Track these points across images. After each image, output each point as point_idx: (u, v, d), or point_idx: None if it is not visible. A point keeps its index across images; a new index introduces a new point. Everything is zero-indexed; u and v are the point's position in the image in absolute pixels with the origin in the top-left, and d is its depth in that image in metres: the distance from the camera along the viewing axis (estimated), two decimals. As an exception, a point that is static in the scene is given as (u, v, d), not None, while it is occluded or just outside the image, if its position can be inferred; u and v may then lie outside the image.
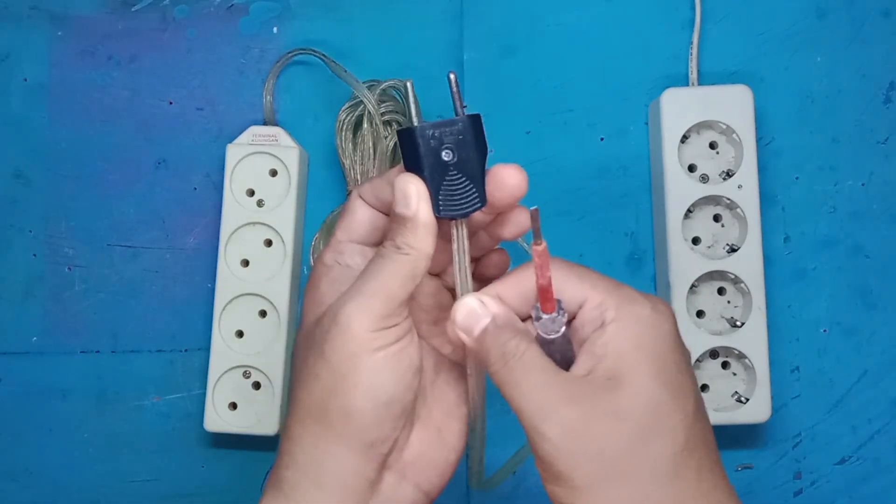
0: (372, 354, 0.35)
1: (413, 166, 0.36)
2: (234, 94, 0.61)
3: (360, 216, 0.39)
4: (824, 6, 0.60)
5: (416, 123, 0.36)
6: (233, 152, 0.58)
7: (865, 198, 0.59)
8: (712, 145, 0.58)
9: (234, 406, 0.57)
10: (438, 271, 0.40)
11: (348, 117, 0.57)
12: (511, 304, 0.37)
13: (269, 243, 0.58)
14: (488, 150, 0.37)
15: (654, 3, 0.61)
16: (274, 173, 0.58)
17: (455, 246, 0.37)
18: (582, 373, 0.35)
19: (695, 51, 0.59)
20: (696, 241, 0.57)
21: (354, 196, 0.40)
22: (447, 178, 0.36)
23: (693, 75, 0.59)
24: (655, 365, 0.34)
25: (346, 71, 0.57)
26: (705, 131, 0.58)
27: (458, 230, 0.37)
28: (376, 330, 0.35)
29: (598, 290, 0.36)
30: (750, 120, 0.56)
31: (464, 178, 0.36)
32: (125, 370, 0.60)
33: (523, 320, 0.38)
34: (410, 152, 0.36)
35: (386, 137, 0.57)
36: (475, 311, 0.36)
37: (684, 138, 0.57)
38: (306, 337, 0.38)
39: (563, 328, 0.36)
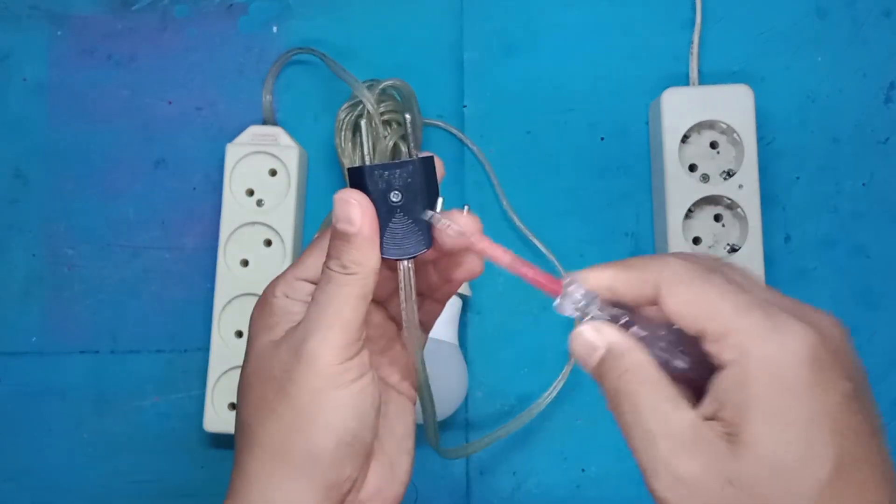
0: (336, 391, 0.35)
1: None
2: (233, 94, 0.61)
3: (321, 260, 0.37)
4: (825, 6, 0.60)
5: (367, 162, 0.36)
6: (232, 152, 0.58)
7: (866, 198, 0.59)
8: (713, 145, 0.58)
9: (233, 406, 0.57)
10: (382, 299, 0.39)
11: (348, 117, 0.57)
12: (623, 292, 0.34)
13: (268, 243, 0.58)
14: (439, 187, 0.36)
15: (654, 3, 0.61)
16: (273, 173, 0.58)
17: (402, 286, 0.36)
18: (707, 414, 0.32)
19: (695, 50, 0.59)
20: (696, 241, 0.57)
21: (318, 237, 0.39)
22: (394, 219, 0.36)
23: (694, 75, 0.59)
24: (781, 421, 0.30)
25: (345, 70, 0.57)
26: (706, 131, 0.58)
27: (404, 271, 0.36)
28: (340, 362, 0.35)
29: (716, 322, 0.31)
30: (751, 120, 0.56)
31: (410, 221, 0.36)
32: (124, 370, 0.60)
33: (635, 309, 0.35)
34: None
35: (385, 137, 0.57)
36: (591, 342, 0.34)
37: (685, 138, 0.57)
38: (258, 361, 0.37)
39: (599, 311, 0.34)
